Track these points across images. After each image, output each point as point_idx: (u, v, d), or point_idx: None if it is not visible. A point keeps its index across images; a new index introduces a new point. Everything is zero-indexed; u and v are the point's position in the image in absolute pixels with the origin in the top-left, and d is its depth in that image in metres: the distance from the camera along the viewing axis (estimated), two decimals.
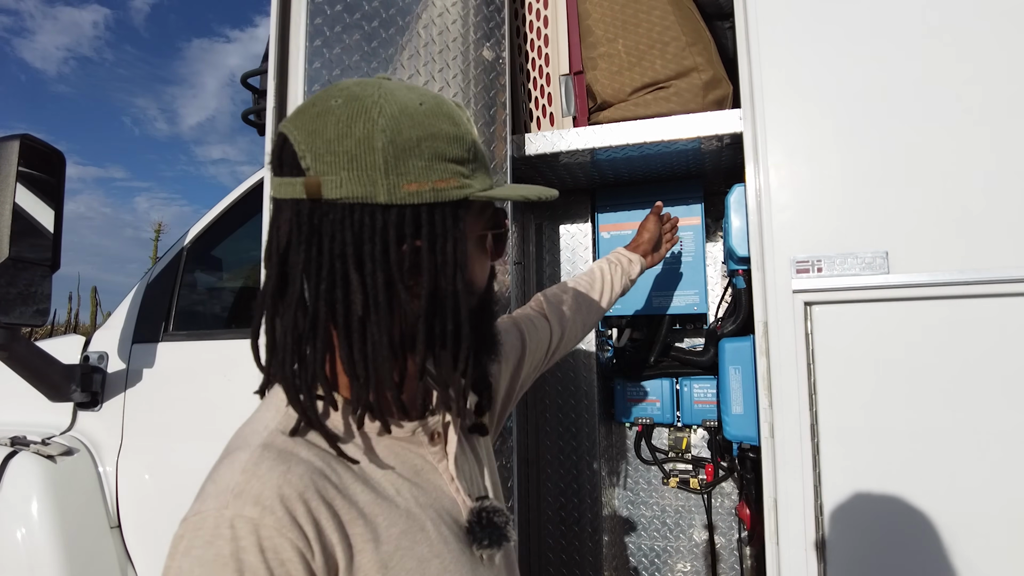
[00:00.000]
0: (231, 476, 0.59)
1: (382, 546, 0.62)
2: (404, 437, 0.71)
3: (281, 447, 0.61)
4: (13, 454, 1.87)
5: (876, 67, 1.29)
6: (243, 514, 0.56)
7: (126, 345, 2.07)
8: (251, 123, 2.33)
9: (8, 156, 1.67)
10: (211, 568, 0.54)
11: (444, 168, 0.64)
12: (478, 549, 0.71)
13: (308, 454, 0.62)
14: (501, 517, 0.72)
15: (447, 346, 0.67)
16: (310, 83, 1.14)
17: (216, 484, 0.59)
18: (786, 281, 1.29)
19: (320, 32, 1.17)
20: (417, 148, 0.62)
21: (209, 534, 0.56)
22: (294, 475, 0.59)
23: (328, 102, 0.63)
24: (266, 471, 0.59)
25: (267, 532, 0.55)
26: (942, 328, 1.21)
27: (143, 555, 1.97)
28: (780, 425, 1.27)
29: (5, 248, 1.64)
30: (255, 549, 0.55)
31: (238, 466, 0.59)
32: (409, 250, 0.63)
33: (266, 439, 0.62)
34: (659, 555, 2.06)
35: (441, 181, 0.63)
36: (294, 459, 0.61)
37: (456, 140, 0.65)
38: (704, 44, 1.64)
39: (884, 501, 1.21)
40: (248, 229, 2.17)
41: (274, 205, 0.66)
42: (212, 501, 0.57)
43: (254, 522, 0.56)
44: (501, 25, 1.64)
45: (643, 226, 1.54)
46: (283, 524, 0.56)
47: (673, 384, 1.93)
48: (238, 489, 0.57)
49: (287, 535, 0.56)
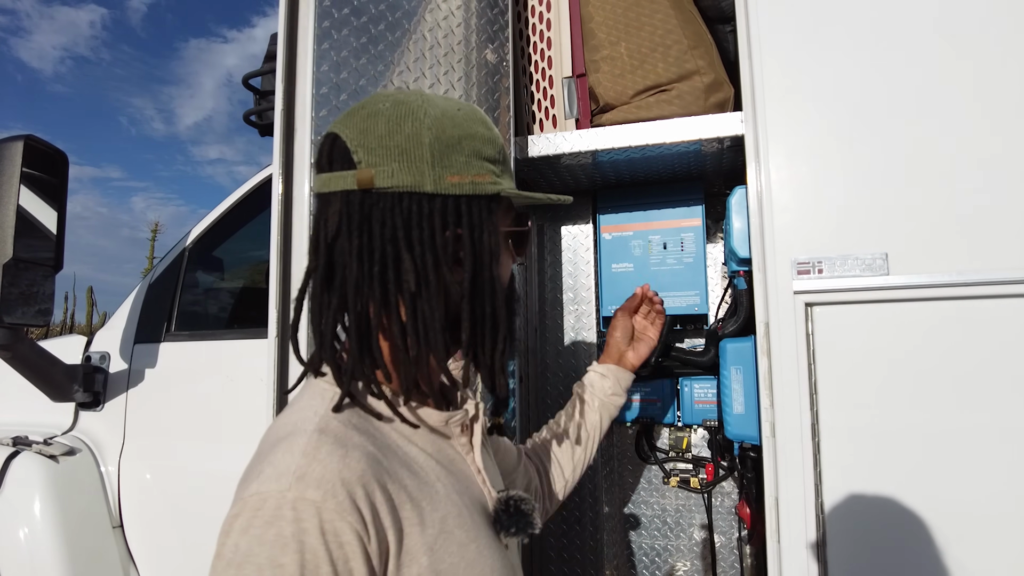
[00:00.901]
0: (291, 459, 0.60)
1: (427, 529, 0.64)
2: (438, 427, 0.75)
3: (336, 433, 0.64)
4: (16, 454, 1.88)
5: (877, 70, 1.30)
6: (305, 496, 0.57)
7: (128, 345, 2.08)
8: (253, 124, 2.34)
9: (12, 157, 1.67)
10: (271, 548, 0.55)
11: (480, 165, 0.71)
12: (505, 536, 0.74)
13: (361, 439, 0.65)
14: (528, 505, 0.76)
15: (487, 328, 0.72)
16: (318, 86, 1.15)
17: (275, 467, 0.60)
18: (787, 282, 1.31)
19: (328, 35, 1.18)
20: (458, 145, 0.69)
21: (270, 514, 0.57)
22: (352, 459, 0.61)
23: (376, 106, 0.70)
24: (326, 455, 0.60)
25: (328, 515, 0.57)
26: (942, 329, 1.23)
27: (145, 555, 1.97)
28: (781, 425, 1.29)
29: (9, 249, 1.65)
30: (316, 532, 0.56)
31: (297, 450, 0.61)
32: (451, 236, 0.69)
33: (319, 425, 0.64)
34: (659, 554, 2.07)
35: (479, 176, 0.71)
36: (350, 444, 0.63)
37: (490, 142, 0.73)
38: (706, 47, 1.65)
39: (885, 501, 1.23)
40: (250, 230, 2.18)
41: (320, 200, 0.71)
42: (273, 483, 0.59)
43: (316, 505, 0.57)
44: (504, 28, 1.65)
45: (611, 325, 1.44)
46: (344, 508, 0.58)
47: (674, 384, 1.94)
48: (300, 472, 0.59)
49: (347, 519, 0.58)
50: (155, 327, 2.06)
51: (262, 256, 2.23)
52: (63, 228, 1.84)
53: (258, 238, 2.20)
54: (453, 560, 0.65)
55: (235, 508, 0.59)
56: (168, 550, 1.93)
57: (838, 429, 1.26)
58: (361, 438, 0.65)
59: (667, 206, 1.95)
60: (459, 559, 0.66)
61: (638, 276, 1.95)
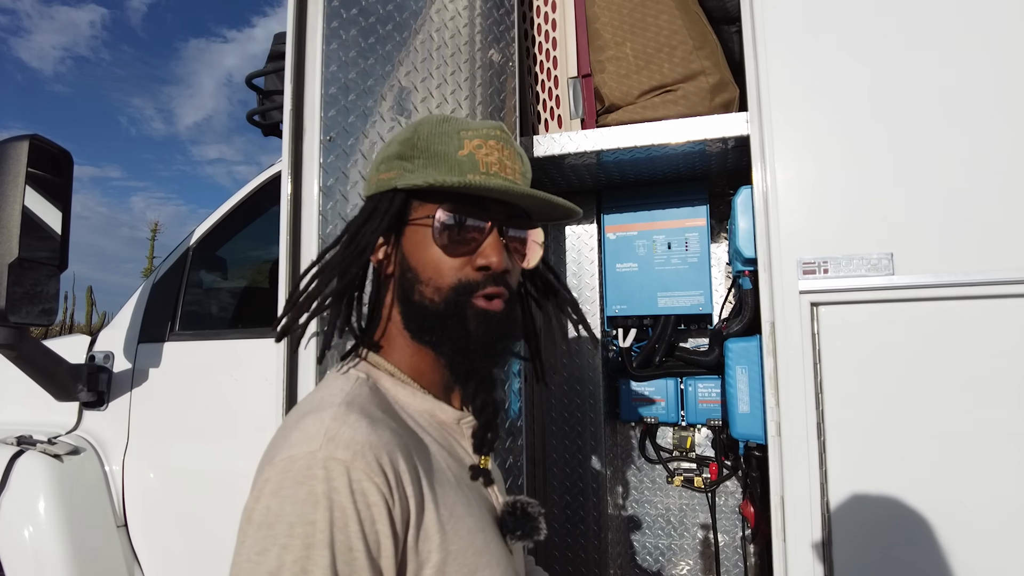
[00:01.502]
0: (321, 425, 0.62)
1: (441, 509, 0.66)
2: (450, 423, 0.78)
3: (362, 406, 0.66)
4: (20, 453, 1.88)
5: (882, 70, 1.31)
6: (336, 456, 0.59)
7: (132, 345, 2.08)
8: (256, 124, 2.34)
9: (17, 157, 1.67)
10: (303, 506, 0.57)
11: (394, 164, 0.77)
12: (511, 540, 0.75)
13: (383, 416, 0.67)
14: (535, 509, 0.76)
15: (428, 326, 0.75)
16: (327, 86, 1.15)
17: (304, 432, 0.62)
18: (793, 282, 1.31)
19: (336, 35, 1.18)
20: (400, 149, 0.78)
21: (301, 474, 0.58)
22: (379, 429, 0.64)
23: None
24: (355, 421, 0.63)
25: (357, 475, 0.59)
26: (948, 329, 1.23)
27: (149, 554, 1.97)
28: (787, 424, 1.29)
29: (15, 248, 1.65)
30: (346, 490, 0.58)
31: (327, 417, 0.63)
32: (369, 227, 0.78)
33: (346, 400, 0.67)
34: (663, 553, 2.07)
35: (390, 173, 0.77)
36: (375, 417, 0.66)
37: (405, 141, 0.78)
38: (711, 48, 1.66)
39: (891, 500, 1.23)
40: (253, 230, 2.18)
41: None
42: (303, 446, 0.60)
43: (346, 464, 0.59)
44: (511, 29, 1.66)
45: None
46: (371, 469, 0.60)
47: (678, 384, 1.94)
48: (330, 434, 0.61)
49: (374, 479, 0.59)
50: (159, 327, 2.06)
51: (265, 256, 2.23)
52: (67, 228, 1.84)
53: (261, 238, 2.20)
54: (463, 544, 0.66)
55: (264, 474, 0.61)
56: (172, 549, 1.93)
57: (844, 428, 1.27)
58: (383, 415, 0.68)
59: (671, 206, 1.95)
60: (468, 544, 0.67)
61: (642, 276, 1.95)
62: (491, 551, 0.70)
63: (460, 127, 0.77)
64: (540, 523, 0.76)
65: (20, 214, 1.66)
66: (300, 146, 1.14)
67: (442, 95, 1.43)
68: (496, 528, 0.74)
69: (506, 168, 0.76)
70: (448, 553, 0.64)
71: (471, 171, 0.74)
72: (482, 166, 0.74)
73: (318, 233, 1.13)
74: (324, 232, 1.13)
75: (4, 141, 1.69)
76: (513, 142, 0.79)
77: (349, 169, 1.19)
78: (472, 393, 0.78)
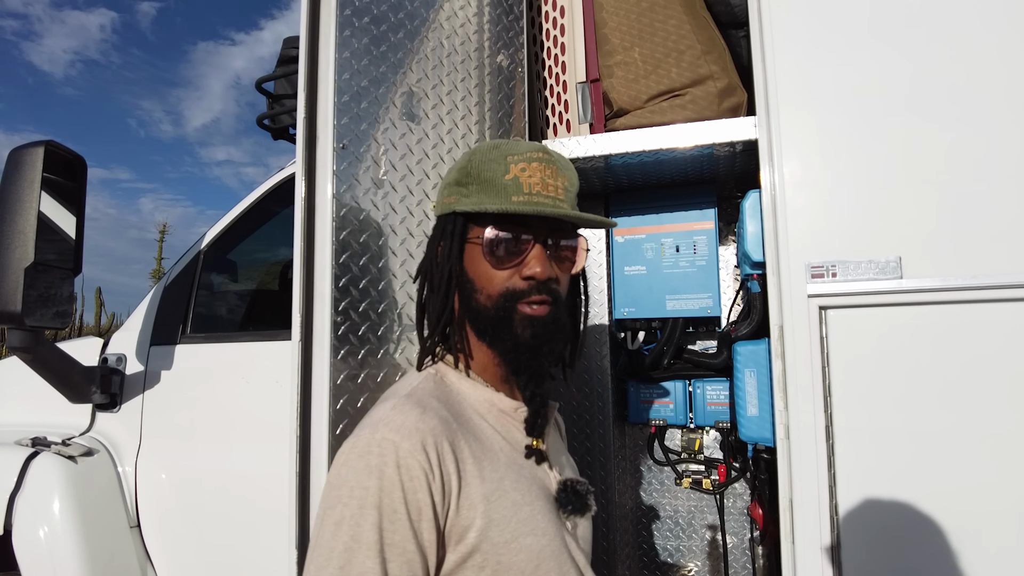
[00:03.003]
0: (383, 413, 0.79)
1: (485, 483, 0.79)
2: (509, 411, 0.91)
3: (420, 398, 0.82)
4: (35, 454, 1.90)
5: (890, 74, 1.31)
6: (387, 437, 0.75)
7: (144, 347, 2.10)
8: (265, 127, 2.36)
9: (33, 163, 1.69)
10: (361, 474, 0.74)
11: (452, 190, 0.92)
12: (565, 516, 0.87)
13: (438, 406, 0.82)
14: (583, 487, 0.89)
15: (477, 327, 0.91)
16: (339, 94, 1.16)
17: (372, 419, 0.80)
18: (801, 286, 1.32)
19: (348, 44, 1.19)
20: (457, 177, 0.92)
21: (362, 450, 0.76)
22: (427, 417, 0.79)
23: None
24: (408, 411, 0.79)
25: (403, 453, 0.74)
26: (956, 332, 1.24)
27: (162, 554, 1.99)
28: (795, 427, 1.30)
29: (31, 253, 1.67)
30: (393, 464, 0.74)
31: (388, 407, 0.80)
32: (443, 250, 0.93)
33: (409, 392, 0.84)
34: (672, 554, 2.08)
35: (449, 198, 0.91)
36: (429, 407, 0.81)
37: (460, 169, 0.91)
38: (719, 52, 1.66)
39: (899, 502, 1.23)
40: (264, 233, 2.20)
41: None
42: (368, 429, 0.78)
43: (394, 444, 0.75)
44: (520, 34, 1.67)
45: None
46: (415, 449, 0.75)
47: (686, 386, 1.95)
48: (386, 420, 0.78)
49: (416, 458, 0.74)
50: (171, 329, 2.08)
51: (276, 258, 2.25)
52: (81, 232, 1.86)
53: (272, 240, 2.22)
54: (506, 513, 0.79)
55: (342, 448, 0.78)
56: (184, 549, 1.95)
57: (852, 431, 1.27)
58: (439, 405, 0.82)
59: (679, 209, 1.96)
60: (512, 514, 0.80)
61: (650, 278, 1.96)
62: (536, 521, 0.82)
63: (507, 152, 0.89)
64: (589, 500, 0.89)
65: (36, 219, 1.68)
66: (314, 153, 1.16)
67: (452, 101, 1.44)
68: (549, 504, 0.86)
69: (548, 187, 0.87)
70: (491, 520, 0.77)
71: (515, 193, 0.86)
72: (525, 187, 0.86)
73: (331, 239, 1.14)
74: (337, 238, 1.15)
75: (20, 148, 1.71)
76: (556, 159, 0.90)
77: (361, 175, 1.21)
78: (523, 386, 0.91)
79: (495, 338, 0.87)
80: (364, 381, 1.18)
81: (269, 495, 1.74)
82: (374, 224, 1.23)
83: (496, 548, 0.77)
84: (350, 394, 1.15)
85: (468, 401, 0.88)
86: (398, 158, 1.30)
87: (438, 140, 1.40)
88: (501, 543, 0.77)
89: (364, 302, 1.20)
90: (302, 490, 1.12)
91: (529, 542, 0.79)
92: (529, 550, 0.79)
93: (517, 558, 0.78)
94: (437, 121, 1.40)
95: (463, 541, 0.77)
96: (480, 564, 0.77)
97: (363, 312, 1.19)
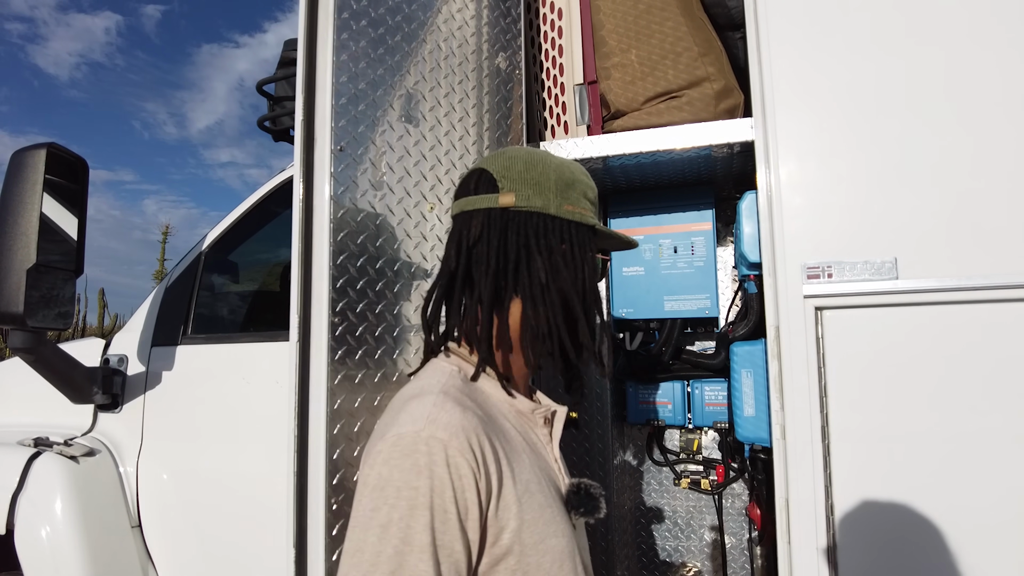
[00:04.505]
0: (424, 409, 0.77)
1: (517, 485, 0.79)
2: (526, 412, 0.92)
3: (455, 396, 0.81)
4: (37, 454, 1.91)
5: (886, 75, 1.32)
6: (436, 435, 0.73)
7: (145, 348, 2.11)
8: (266, 129, 2.37)
9: (35, 164, 1.71)
10: (408, 474, 0.71)
11: (586, 203, 0.95)
12: (575, 516, 0.88)
13: (472, 404, 0.82)
14: (597, 491, 0.90)
15: (587, 319, 0.91)
16: (337, 96, 1.17)
17: (410, 415, 0.77)
18: (797, 287, 1.32)
19: (346, 47, 1.20)
20: (573, 185, 0.93)
21: (408, 448, 0.73)
22: (469, 415, 0.78)
23: (514, 153, 0.95)
24: (451, 408, 0.77)
25: (452, 452, 0.73)
26: (952, 333, 1.24)
27: (163, 554, 2.00)
28: (791, 427, 1.30)
29: (33, 254, 1.68)
30: (443, 463, 0.72)
31: (429, 402, 0.78)
32: (566, 248, 0.91)
33: (442, 389, 0.81)
34: (670, 555, 2.09)
35: (584, 210, 0.94)
36: (466, 405, 0.80)
37: (591, 188, 0.97)
38: (716, 54, 1.67)
39: (895, 503, 1.24)
40: (264, 234, 2.21)
41: (462, 217, 0.94)
42: (409, 426, 0.75)
43: (444, 442, 0.73)
44: (517, 37, 1.68)
45: None
46: (463, 448, 0.74)
47: (684, 386, 1.96)
48: (432, 417, 0.75)
49: (466, 456, 0.73)
50: (172, 330, 2.09)
51: (277, 259, 2.26)
52: (83, 233, 1.87)
53: (272, 241, 2.23)
54: (534, 515, 0.79)
55: (377, 447, 0.75)
56: (185, 549, 1.96)
57: (848, 432, 1.28)
58: (473, 404, 0.82)
59: (677, 210, 1.97)
60: (539, 516, 0.80)
61: (649, 279, 1.97)
62: (558, 524, 0.83)
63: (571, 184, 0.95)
64: (601, 503, 0.89)
65: (38, 220, 1.70)
66: (312, 156, 1.16)
67: (450, 103, 1.45)
68: (562, 505, 0.87)
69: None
70: (523, 521, 0.77)
71: None
72: None
73: (329, 240, 1.15)
74: (335, 239, 1.16)
75: (22, 150, 1.73)
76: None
77: (359, 177, 1.22)
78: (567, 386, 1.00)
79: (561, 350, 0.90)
80: (361, 381, 1.19)
81: (270, 495, 1.75)
82: (372, 226, 1.24)
83: (527, 550, 0.77)
84: (347, 394, 1.16)
85: (491, 401, 0.88)
86: (396, 160, 1.30)
87: (436, 142, 1.41)
88: (531, 544, 0.78)
89: (361, 303, 1.20)
90: (300, 489, 1.13)
91: (553, 543, 0.80)
92: (554, 551, 0.80)
93: (544, 559, 0.79)
94: (435, 123, 1.41)
95: (498, 542, 0.76)
96: (513, 567, 0.77)
97: (360, 313, 1.20)
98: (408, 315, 1.31)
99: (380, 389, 1.23)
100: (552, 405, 0.96)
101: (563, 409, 0.96)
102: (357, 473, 1.11)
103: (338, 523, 1.12)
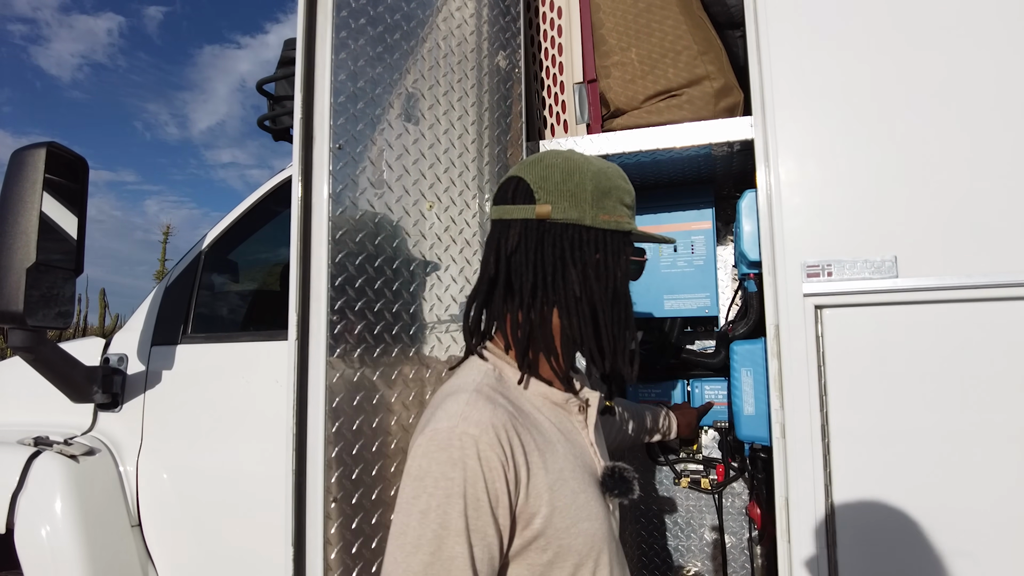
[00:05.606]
0: (458, 407, 0.83)
1: (549, 474, 0.85)
2: (560, 403, 0.97)
3: (487, 394, 0.87)
4: (37, 454, 1.91)
5: (885, 73, 1.32)
6: (468, 432, 0.80)
7: (145, 347, 2.11)
8: (267, 129, 2.37)
9: (35, 164, 1.71)
10: (444, 466, 0.79)
11: (623, 210, 0.96)
12: (609, 498, 0.95)
13: (504, 401, 0.88)
14: (631, 474, 0.96)
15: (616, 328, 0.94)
16: (336, 94, 1.17)
17: (447, 411, 0.83)
18: (797, 285, 1.32)
19: (345, 45, 1.20)
20: (609, 194, 0.94)
21: (443, 442, 0.80)
22: (499, 412, 0.84)
23: (551, 160, 0.96)
24: (482, 406, 0.84)
25: (483, 446, 0.79)
26: (952, 331, 1.24)
27: (163, 553, 2.00)
28: (791, 426, 1.30)
29: (33, 253, 1.68)
30: (475, 457, 0.79)
31: (462, 400, 0.85)
32: (600, 258, 0.94)
33: (476, 388, 0.88)
34: (670, 554, 2.08)
35: (619, 217, 0.95)
36: (497, 403, 0.86)
37: (628, 193, 0.98)
38: (715, 53, 1.67)
39: (894, 501, 1.24)
40: (264, 234, 2.21)
41: (500, 224, 0.97)
42: (445, 422, 0.82)
43: (475, 438, 0.80)
44: (517, 35, 1.68)
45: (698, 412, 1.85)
46: (493, 443, 0.80)
47: (684, 386, 1.95)
48: (464, 414, 0.82)
49: (495, 451, 0.80)
50: (172, 329, 2.09)
51: (276, 259, 2.26)
52: (83, 233, 1.88)
53: (272, 241, 2.23)
54: (567, 501, 0.85)
55: (418, 441, 0.82)
56: (185, 549, 1.97)
57: (848, 430, 1.28)
58: (504, 400, 0.88)
59: (677, 209, 1.96)
60: (571, 502, 0.86)
61: (648, 278, 1.96)
62: (591, 507, 0.89)
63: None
64: (634, 485, 0.95)
65: (38, 219, 1.70)
66: (310, 154, 1.16)
67: (449, 102, 1.45)
68: (597, 488, 0.93)
69: None
70: (554, 508, 0.84)
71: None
72: None
73: (328, 238, 1.15)
74: (333, 237, 1.16)
75: (22, 149, 1.73)
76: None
77: (358, 176, 1.22)
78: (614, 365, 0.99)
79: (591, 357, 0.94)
80: (360, 380, 1.19)
81: (270, 494, 1.75)
82: (371, 224, 1.24)
83: (558, 533, 0.84)
84: (345, 392, 1.16)
85: (525, 395, 0.94)
86: (395, 158, 1.30)
87: (435, 140, 1.41)
88: (562, 528, 0.84)
89: (360, 301, 1.20)
90: (298, 487, 1.13)
91: (585, 527, 0.86)
92: (586, 534, 0.86)
93: (576, 542, 0.85)
94: (434, 121, 1.41)
95: (529, 527, 0.83)
96: (543, 547, 0.84)
97: (359, 311, 1.20)
98: (407, 313, 1.31)
99: (378, 387, 1.23)
100: (587, 393, 1.01)
101: (596, 395, 1.01)
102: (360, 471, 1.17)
103: (337, 521, 1.12)
